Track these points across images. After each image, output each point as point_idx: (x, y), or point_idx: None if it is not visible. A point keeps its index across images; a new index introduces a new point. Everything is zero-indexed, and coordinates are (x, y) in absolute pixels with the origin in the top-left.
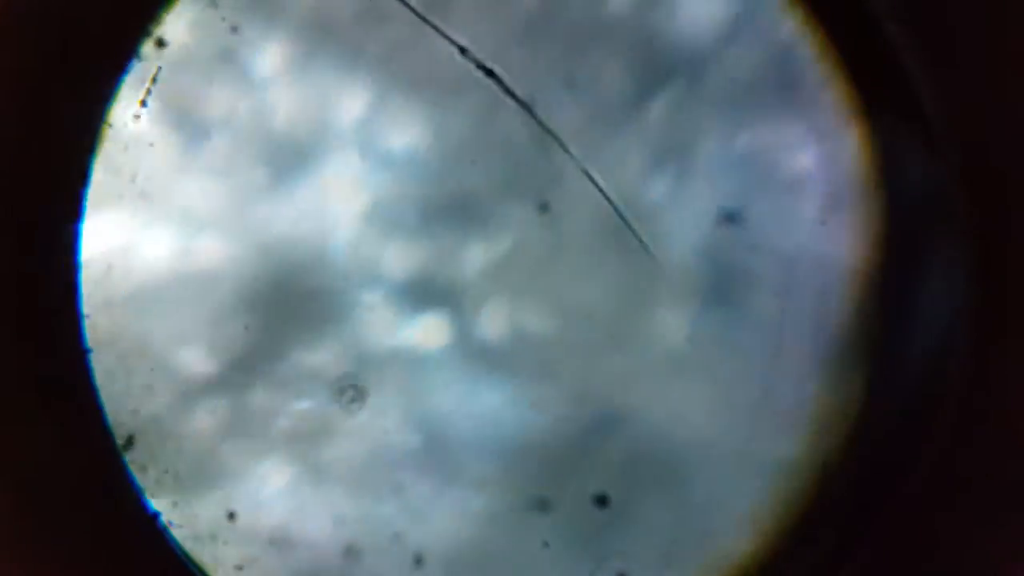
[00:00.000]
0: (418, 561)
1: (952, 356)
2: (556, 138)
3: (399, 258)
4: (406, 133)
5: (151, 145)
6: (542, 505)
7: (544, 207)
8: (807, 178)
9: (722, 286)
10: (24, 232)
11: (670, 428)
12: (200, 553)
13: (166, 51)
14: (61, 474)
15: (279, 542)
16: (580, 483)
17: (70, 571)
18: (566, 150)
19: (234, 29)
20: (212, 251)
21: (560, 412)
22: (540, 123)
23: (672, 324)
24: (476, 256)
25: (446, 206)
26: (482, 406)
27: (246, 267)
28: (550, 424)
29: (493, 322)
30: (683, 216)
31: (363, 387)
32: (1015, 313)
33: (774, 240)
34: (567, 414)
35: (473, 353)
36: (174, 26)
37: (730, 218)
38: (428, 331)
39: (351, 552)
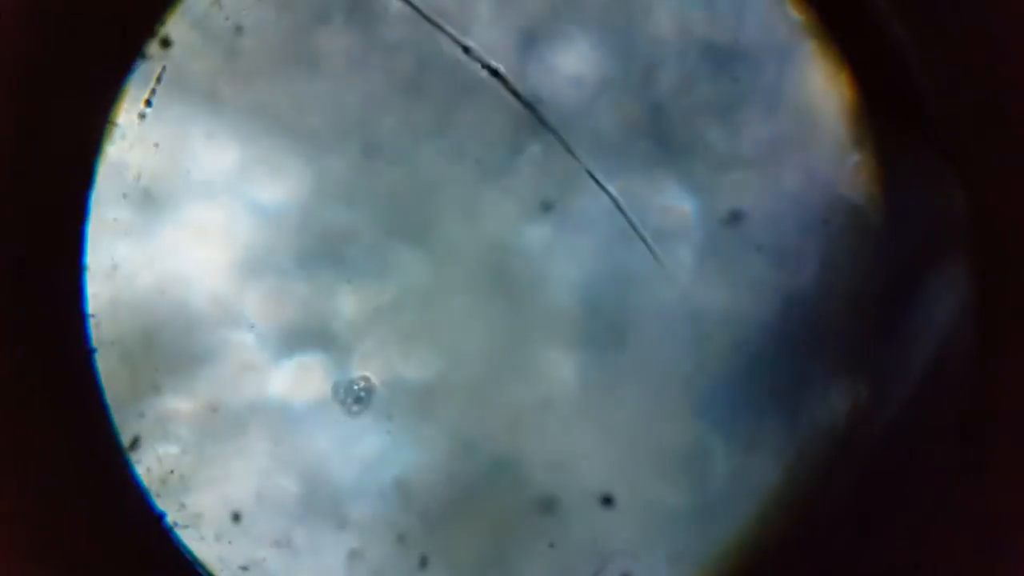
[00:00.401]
0: None
1: (954, 359)
2: (560, 140)
3: (274, 303)
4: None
5: (156, 145)
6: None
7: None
8: (809, 179)
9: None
10: (28, 232)
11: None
12: (205, 554)
13: (171, 51)
14: (66, 474)
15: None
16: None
17: (75, 572)
18: (570, 152)
19: (238, 29)
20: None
21: (443, 458)
22: (544, 123)
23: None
24: (354, 300)
25: (323, 251)
26: (361, 452)
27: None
28: (433, 470)
29: (372, 366)
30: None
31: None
32: (1018, 316)
33: (776, 239)
34: (451, 460)
35: (350, 398)
36: (179, 26)
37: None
38: (303, 376)
39: None
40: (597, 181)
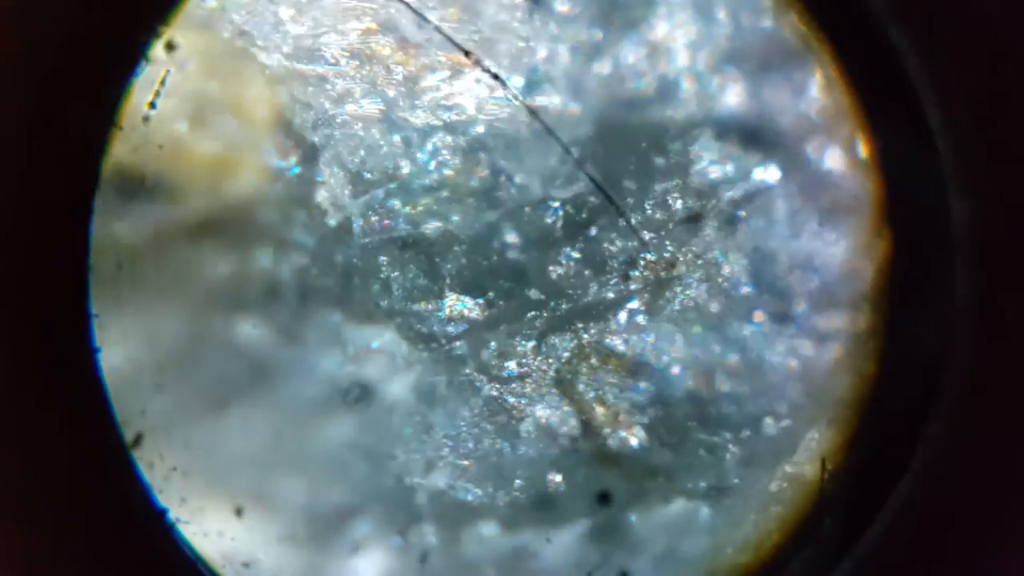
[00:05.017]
0: None
1: (952, 356)
2: (559, 141)
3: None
4: None
5: (160, 147)
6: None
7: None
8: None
9: None
10: (34, 233)
11: None
12: (208, 550)
13: (175, 54)
14: (69, 471)
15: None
16: None
17: (79, 567)
18: (568, 152)
19: (242, 33)
20: None
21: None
22: (544, 126)
23: None
24: None
25: None
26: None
27: None
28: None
29: None
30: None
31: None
32: (1014, 315)
33: (772, 242)
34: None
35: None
36: (183, 29)
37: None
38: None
39: None
40: (596, 183)
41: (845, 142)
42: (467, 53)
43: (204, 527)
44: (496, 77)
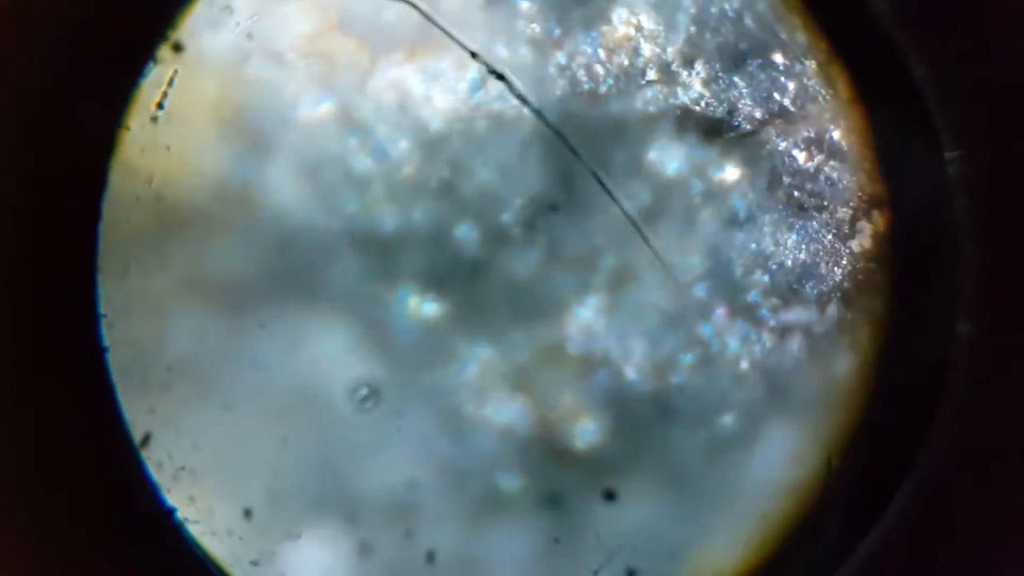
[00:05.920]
0: None
1: (956, 354)
2: (565, 141)
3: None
4: None
5: (168, 148)
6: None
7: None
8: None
9: None
10: (42, 233)
11: None
12: (216, 549)
13: (183, 55)
14: (78, 471)
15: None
16: None
17: (86, 566)
18: (575, 153)
19: (249, 35)
20: None
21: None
22: (549, 126)
23: None
24: None
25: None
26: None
27: None
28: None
29: None
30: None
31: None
32: (1017, 314)
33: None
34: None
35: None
36: (190, 30)
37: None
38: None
39: None
40: (601, 182)
41: (831, 136)
42: (474, 55)
43: (213, 527)
44: (501, 77)
